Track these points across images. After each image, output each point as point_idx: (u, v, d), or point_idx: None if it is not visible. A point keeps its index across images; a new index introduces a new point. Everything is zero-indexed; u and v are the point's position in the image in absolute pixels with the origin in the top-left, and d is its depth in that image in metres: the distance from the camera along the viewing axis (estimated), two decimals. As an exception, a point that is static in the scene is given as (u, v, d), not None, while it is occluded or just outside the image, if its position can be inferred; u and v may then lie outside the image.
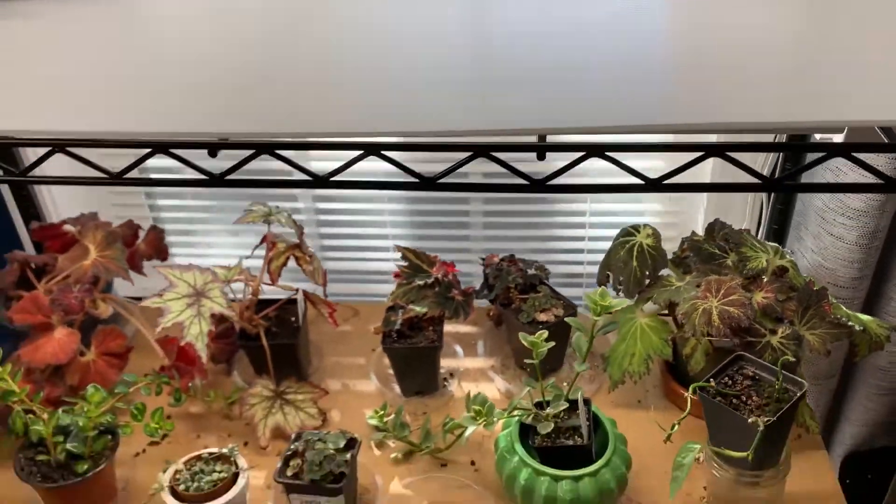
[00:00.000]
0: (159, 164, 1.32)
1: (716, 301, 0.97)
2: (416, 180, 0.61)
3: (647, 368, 1.07)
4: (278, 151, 0.62)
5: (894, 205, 1.09)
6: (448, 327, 1.29)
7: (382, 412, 1.10)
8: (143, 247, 1.28)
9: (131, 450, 1.08)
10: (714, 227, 1.07)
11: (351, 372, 1.23)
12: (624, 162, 0.59)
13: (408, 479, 1.04)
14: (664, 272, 1.10)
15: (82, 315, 1.11)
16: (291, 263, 1.18)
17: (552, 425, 0.95)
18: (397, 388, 1.18)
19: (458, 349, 1.23)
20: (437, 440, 1.07)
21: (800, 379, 0.87)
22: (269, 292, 1.19)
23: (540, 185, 0.60)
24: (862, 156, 0.57)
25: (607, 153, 0.58)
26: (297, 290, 1.18)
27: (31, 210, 1.36)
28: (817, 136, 0.89)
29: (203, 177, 0.63)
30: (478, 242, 1.44)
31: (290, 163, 0.64)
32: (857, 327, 1.00)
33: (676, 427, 0.85)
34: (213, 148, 0.62)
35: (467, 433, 1.02)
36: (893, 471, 1.33)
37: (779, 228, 1.22)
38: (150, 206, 1.45)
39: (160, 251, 1.30)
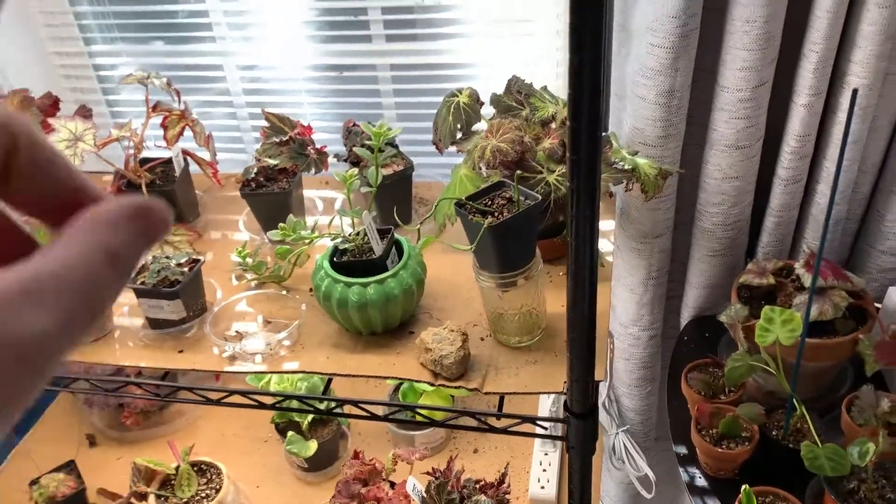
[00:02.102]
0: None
1: (494, 140, 1.11)
2: None
3: (461, 211, 1.22)
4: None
5: (687, 63, 1.20)
6: (317, 192, 1.47)
7: (243, 250, 1.30)
8: (70, 122, 1.50)
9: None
10: (511, 83, 1.20)
11: (232, 226, 1.42)
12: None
13: (252, 298, 1.23)
14: (478, 127, 1.24)
15: None
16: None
17: (352, 244, 1.13)
18: (267, 238, 1.37)
19: (319, 203, 1.41)
20: (282, 270, 1.26)
21: (536, 195, 1.01)
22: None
23: None
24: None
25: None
26: (178, 149, 1.38)
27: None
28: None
29: None
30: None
31: None
32: (626, 166, 1.13)
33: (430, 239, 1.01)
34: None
35: (293, 254, 1.20)
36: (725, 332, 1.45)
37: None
38: (107, 101, 1.71)
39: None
